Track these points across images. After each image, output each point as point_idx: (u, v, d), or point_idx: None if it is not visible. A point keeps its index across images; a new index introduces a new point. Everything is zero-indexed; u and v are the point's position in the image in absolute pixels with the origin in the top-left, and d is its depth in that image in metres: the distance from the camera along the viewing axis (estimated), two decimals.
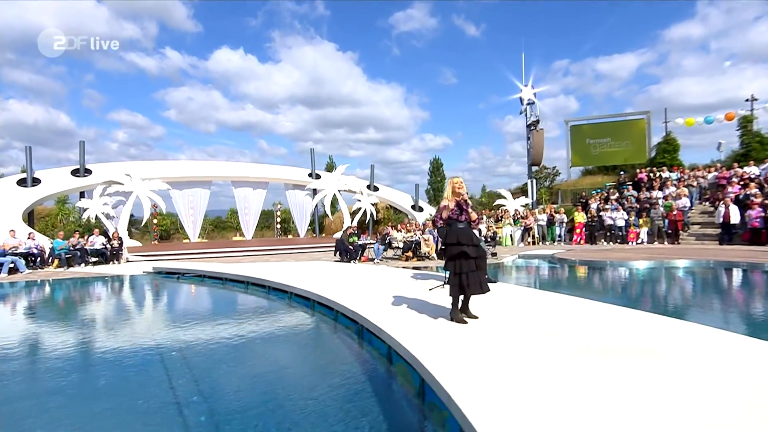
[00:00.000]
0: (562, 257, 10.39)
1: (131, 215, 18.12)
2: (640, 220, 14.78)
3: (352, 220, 21.23)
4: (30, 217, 15.50)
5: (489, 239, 11.83)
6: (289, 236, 23.79)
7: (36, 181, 15.59)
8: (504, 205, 19.07)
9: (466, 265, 4.01)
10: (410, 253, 12.00)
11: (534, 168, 21.84)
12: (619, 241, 14.87)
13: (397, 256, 12.55)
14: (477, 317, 4.21)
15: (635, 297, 6.79)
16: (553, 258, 10.64)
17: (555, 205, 18.74)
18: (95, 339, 4.93)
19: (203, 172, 19.09)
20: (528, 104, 20.82)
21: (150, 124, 78.99)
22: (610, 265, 9.30)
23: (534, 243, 15.83)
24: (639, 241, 14.51)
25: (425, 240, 12.02)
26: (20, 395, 3.20)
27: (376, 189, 22.81)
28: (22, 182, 15.33)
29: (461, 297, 4.15)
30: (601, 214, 15.50)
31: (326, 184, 21.43)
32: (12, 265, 10.24)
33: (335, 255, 12.48)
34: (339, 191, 21.71)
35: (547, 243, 15.78)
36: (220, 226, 27.27)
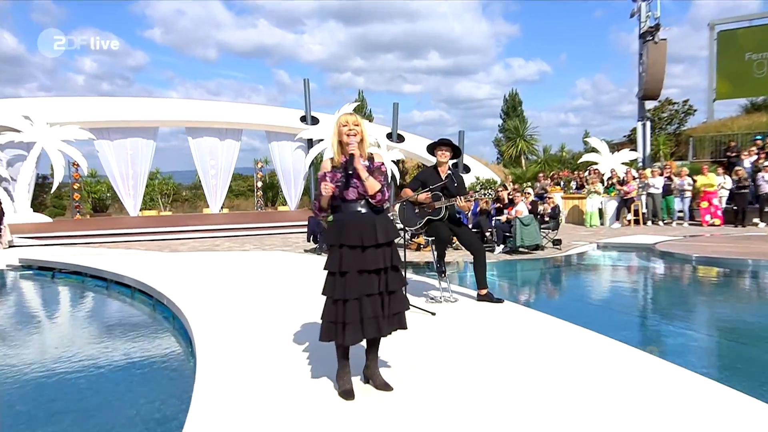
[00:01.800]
0: (668, 249, 9.54)
1: (43, 177, 18.24)
2: None
3: None
4: None
5: (548, 218, 10.94)
6: (282, 209, 23.71)
7: None
8: (595, 164, 17.91)
9: (357, 285, 3.01)
10: (422, 239, 11.01)
11: (649, 104, 20.02)
12: None
13: (408, 242, 11.58)
14: (391, 389, 3.09)
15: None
16: (653, 250, 9.86)
17: (680, 162, 17.21)
18: None
19: (141, 115, 18.79)
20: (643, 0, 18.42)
21: (127, 48, 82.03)
22: (752, 267, 8.15)
23: (639, 222, 14.86)
24: None
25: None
26: None
27: (401, 139, 21.92)
28: None
29: (349, 343, 3.10)
30: (758, 176, 14.17)
31: (326, 132, 20.61)
32: None
33: (308, 240, 11.93)
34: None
35: (663, 222, 14.79)
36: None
